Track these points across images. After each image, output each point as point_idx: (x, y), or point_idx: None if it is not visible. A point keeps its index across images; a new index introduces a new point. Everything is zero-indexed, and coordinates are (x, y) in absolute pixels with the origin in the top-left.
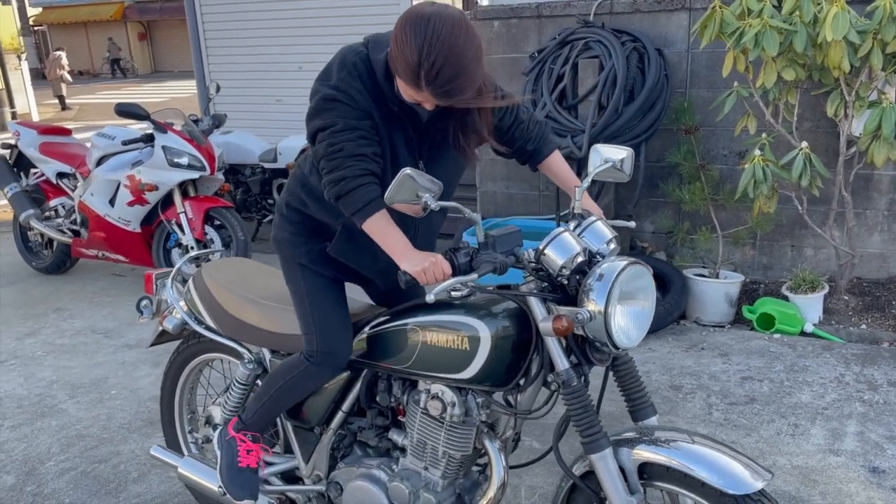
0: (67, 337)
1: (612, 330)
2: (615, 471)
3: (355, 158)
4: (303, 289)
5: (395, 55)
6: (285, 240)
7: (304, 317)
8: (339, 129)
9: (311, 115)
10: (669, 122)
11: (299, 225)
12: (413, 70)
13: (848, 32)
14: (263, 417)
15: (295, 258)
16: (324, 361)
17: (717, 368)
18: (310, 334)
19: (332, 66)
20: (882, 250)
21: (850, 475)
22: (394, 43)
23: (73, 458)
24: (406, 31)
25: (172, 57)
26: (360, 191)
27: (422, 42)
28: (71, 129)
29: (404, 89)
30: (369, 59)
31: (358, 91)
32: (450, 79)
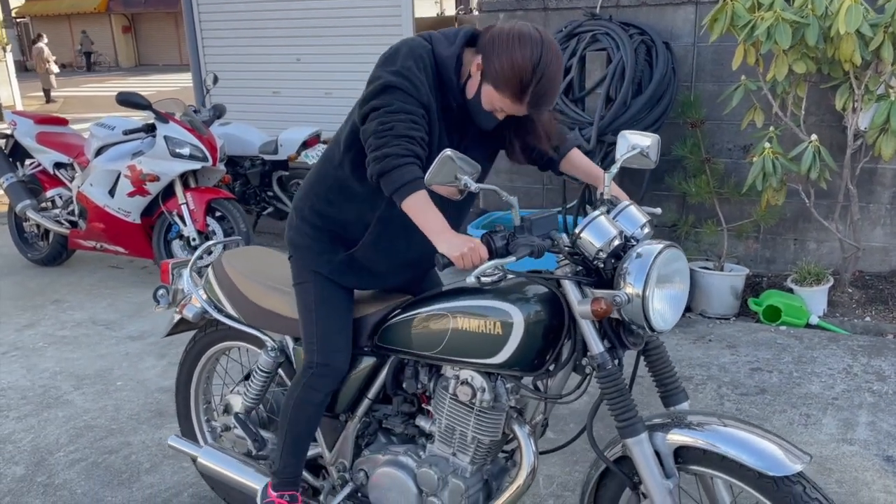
0: (68, 329)
1: (650, 312)
2: (651, 455)
3: (403, 139)
4: (312, 297)
5: (504, 69)
6: (305, 246)
7: (308, 327)
8: (393, 109)
9: (367, 97)
10: (675, 116)
11: (321, 231)
12: (523, 87)
13: (861, 25)
14: (292, 454)
15: (311, 265)
16: (321, 373)
17: (726, 360)
18: (311, 345)
19: (397, 54)
20: (885, 244)
21: (865, 464)
22: (506, 57)
23: (83, 448)
24: (524, 49)
25: (157, 50)
26: (402, 169)
27: (536, 63)
28: (68, 120)
29: (493, 99)
30: (434, 53)
31: (421, 82)
32: (549, 99)
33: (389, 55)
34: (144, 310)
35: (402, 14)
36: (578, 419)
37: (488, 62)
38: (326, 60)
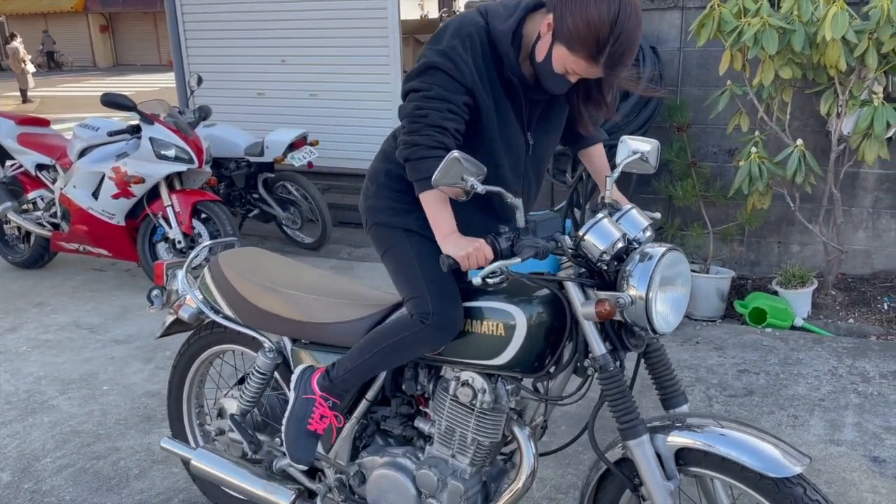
0: (52, 332)
1: (653, 315)
2: (653, 457)
3: (435, 129)
4: (412, 253)
5: (578, 28)
6: (388, 207)
7: (413, 280)
8: (431, 94)
9: (411, 75)
10: (662, 120)
11: (403, 194)
12: (599, 47)
13: (846, 32)
14: (357, 376)
15: (400, 224)
16: (440, 323)
17: (714, 362)
18: (422, 297)
19: (444, 32)
20: (867, 246)
21: (853, 465)
22: (580, 14)
23: (70, 454)
24: (599, 5)
25: (135, 50)
26: (428, 161)
27: (614, 19)
28: (49, 121)
29: (565, 59)
30: (488, 29)
31: (465, 63)
32: (627, 59)
33: (437, 33)
34: (129, 313)
35: (389, 16)
36: (571, 422)
37: (560, 21)
38: (312, 62)
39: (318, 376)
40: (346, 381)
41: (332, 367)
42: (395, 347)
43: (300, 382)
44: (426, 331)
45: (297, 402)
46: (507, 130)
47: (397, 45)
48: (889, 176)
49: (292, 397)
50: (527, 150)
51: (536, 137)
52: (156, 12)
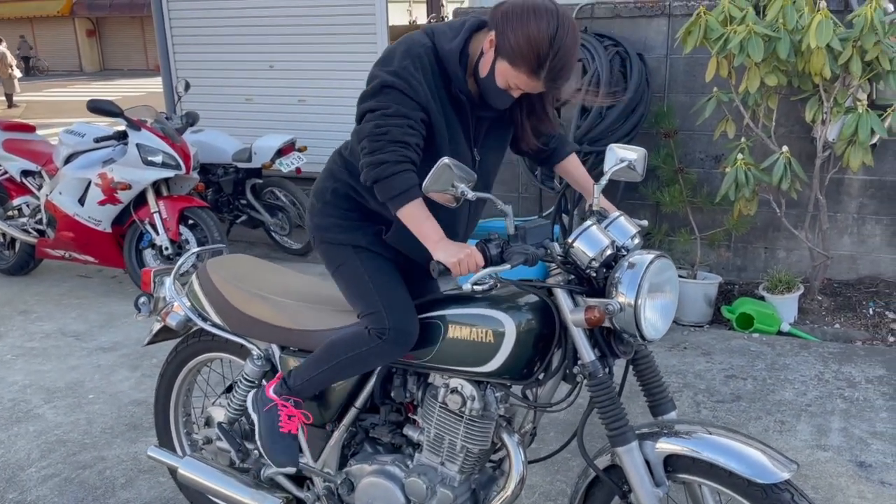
0: (37, 340)
1: (642, 322)
2: (642, 463)
3: (398, 144)
4: (362, 270)
5: (519, 43)
6: (333, 225)
7: (367, 296)
8: (390, 112)
9: (365, 97)
10: (649, 126)
11: (348, 211)
12: (539, 61)
13: (831, 40)
14: (314, 386)
15: (349, 241)
16: (396, 339)
17: (701, 367)
18: (377, 312)
19: (394, 53)
20: (852, 252)
21: (839, 470)
22: (521, 31)
23: (56, 464)
24: (540, 21)
25: (122, 55)
26: (398, 177)
27: (553, 35)
28: (35, 126)
29: (508, 76)
30: (436, 49)
31: (418, 82)
32: (567, 73)
33: (386, 54)
34: (115, 320)
35: (377, 22)
36: (559, 430)
37: (502, 37)
38: (300, 67)
39: (273, 386)
40: (305, 390)
41: (289, 376)
42: (351, 361)
43: (257, 401)
44: (383, 346)
45: (260, 416)
46: (457, 148)
47: None
48: (873, 182)
49: (255, 418)
50: (473, 165)
51: (483, 154)
52: (143, 17)
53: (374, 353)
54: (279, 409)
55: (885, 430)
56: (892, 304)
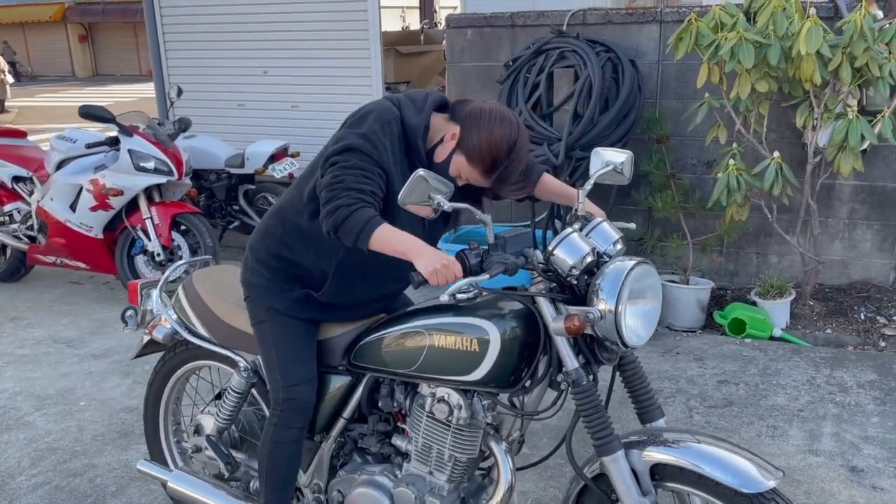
0: (28, 347)
1: (623, 328)
2: (628, 473)
3: (353, 191)
4: (269, 336)
5: (482, 146)
6: (260, 285)
7: (270, 365)
8: (349, 165)
9: (329, 155)
10: (641, 132)
11: (277, 272)
12: (494, 165)
13: (820, 46)
14: (278, 493)
15: (266, 303)
16: (291, 408)
17: (694, 372)
18: (275, 384)
19: (365, 118)
20: (843, 257)
21: (831, 474)
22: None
23: (46, 471)
24: (503, 130)
25: (115, 60)
26: (355, 215)
27: (512, 145)
28: (26, 132)
29: (462, 168)
30: (402, 120)
31: (383, 147)
32: (515, 177)
33: (358, 118)
34: (107, 327)
35: (370, 28)
36: (552, 434)
37: (466, 135)
38: (293, 73)
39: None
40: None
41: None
42: (274, 448)
43: None
44: (283, 416)
45: None
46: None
47: (378, 57)
48: (864, 187)
49: None
50: (423, 229)
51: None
52: (135, 22)
53: (282, 427)
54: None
55: (876, 434)
56: (883, 308)
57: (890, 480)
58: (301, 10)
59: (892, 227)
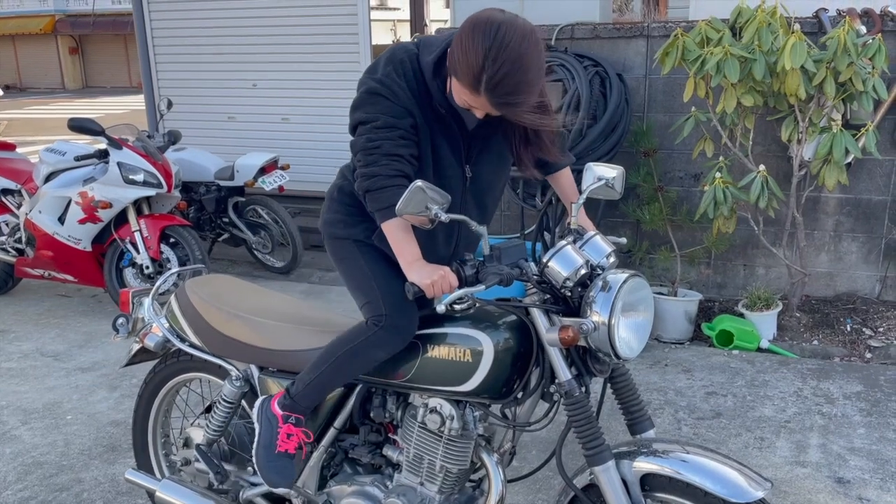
0: (14, 360)
1: (616, 341)
2: (618, 483)
3: (391, 158)
4: (362, 262)
5: (458, 56)
6: (338, 220)
7: (365, 284)
8: (379, 125)
9: (355, 106)
10: (629, 145)
11: (352, 207)
12: (475, 74)
13: (805, 61)
14: (317, 389)
15: (350, 236)
16: (393, 326)
17: (682, 384)
18: (374, 301)
19: (379, 61)
20: (829, 269)
21: (818, 486)
22: (457, 43)
23: (32, 486)
24: (474, 33)
25: (105, 72)
26: (388, 191)
27: (489, 46)
28: (15, 144)
29: (459, 92)
30: (418, 58)
31: (401, 88)
32: (511, 89)
33: (374, 63)
34: (95, 340)
35: (360, 41)
36: (542, 447)
37: (451, 52)
38: (283, 86)
39: (279, 398)
40: (307, 397)
41: (292, 385)
42: (351, 354)
43: (262, 411)
44: (380, 334)
45: (261, 429)
46: (441, 162)
47: None
48: (849, 200)
49: (258, 428)
50: (464, 182)
51: (476, 170)
52: (126, 34)
53: (373, 343)
54: (279, 426)
55: (862, 445)
56: (869, 320)
57: (876, 492)
58: (291, 23)
59: (877, 239)
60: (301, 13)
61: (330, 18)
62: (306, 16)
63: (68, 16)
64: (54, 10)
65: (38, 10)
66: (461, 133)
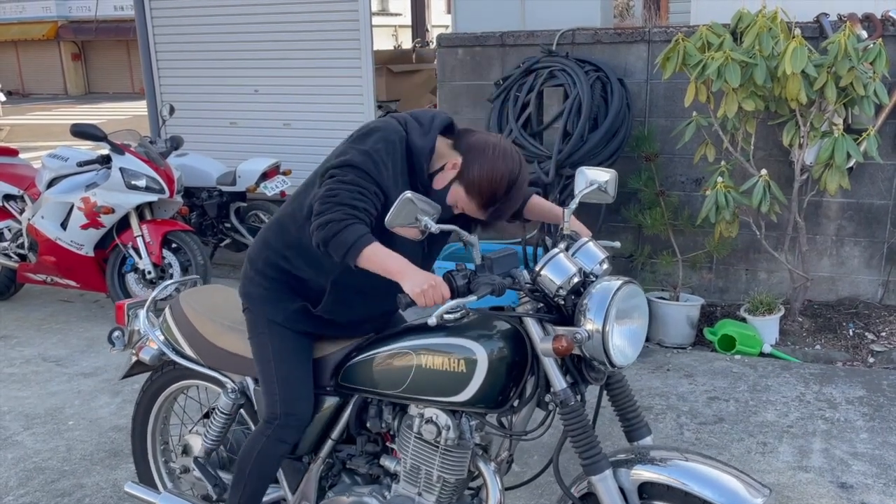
0: (17, 366)
1: (610, 348)
2: (616, 492)
3: (347, 207)
4: (269, 348)
5: (482, 181)
6: (259, 296)
7: (268, 378)
8: (346, 180)
9: (329, 168)
10: (630, 150)
11: (276, 282)
12: (491, 200)
13: (805, 66)
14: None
15: (266, 314)
16: (286, 423)
17: (684, 389)
18: (272, 395)
19: (370, 135)
20: (832, 273)
21: (821, 491)
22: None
23: (34, 491)
24: (506, 165)
25: (107, 78)
26: (346, 231)
27: (513, 182)
28: (17, 150)
29: (459, 198)
30: (408, 141)
31: (385, 166)
32: (509, 213)
33: (363, 134)
34: (96, 345)
35: (362, 47)
36: (542, 453)
37: (467, 167)
38: (285, 92)
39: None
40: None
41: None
42: (259, 462)
43: None
44: (278, 431)
45: None
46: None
47: (370, 75)
48: (851, 204)
49: None
50: (422, 251)
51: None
52: (128, 40)
53: (273, 442)
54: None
55: (865, 450)
56: (872, 325)
57: (879, 497)
58: (293, 28)
59: (879, 243)
60: (302, 19)
61: (331, 24)
62: (308, 21)
63: (71, 22)
64: (57, 17)
65: (41, 17)
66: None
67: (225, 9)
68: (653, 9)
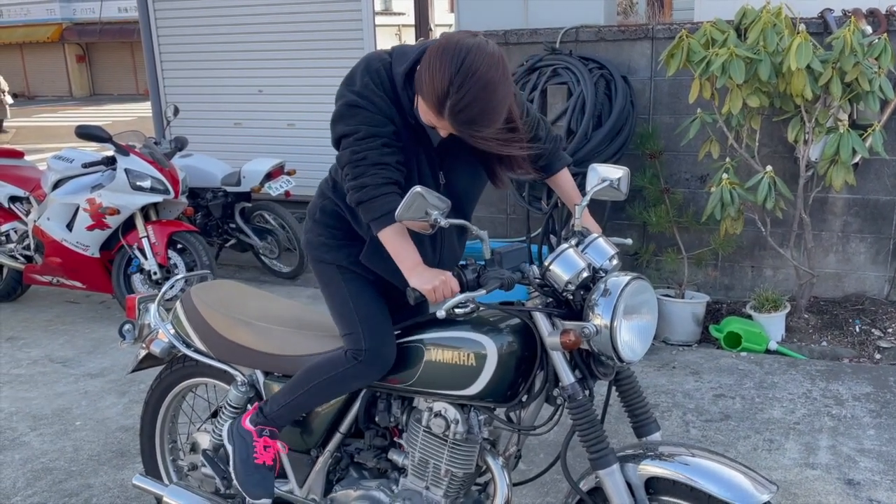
0: (24, 367)
1: (618, 344)
2: (623, 486)
3: (378, 167)
4: (345, 290)
5: (424, 78)
6: (321, 244)
7: (347, 316)
8: (361, 136)
9: (335, 119)
10: (634, 147)
11: (335, 229)
12: (439, 98)
13: (811, 62)
14: (291, 412)
15: (333, 261)
16: (372, 360)
17: (690, 386)
18: (355, 333)
19: (356, 71)
20: (837, 270)
21: (828, 488)
22: (425, 64)
23: (42, 492)
24: (441, 57)
25: (112, 80)
26: (380, 199)
27: (455, 72)
28: (23, 152)
29: (424, 111)
30: (392, 68)
31: (380, 97)
32: (474, 117)
33: (350, 73)
34: (103, 346)
35: (365, 47)
36: (549, 449)
37: (418, 71)
38: (289, 92)
39: (251, 415)
40: (281, 417)
41: (266, 405)
42: (328, 383)
43: (232, 431)
44: (358, 367)
45: (235, 446)
46: (420, 168)
47: None
48: (856, 200)
49: (230, 449)
50: (438, 189)
51: (449, 178)
52: (133, 42)
53: (350, 375)
54: (255, 440)
55: (872, 447)
56: (878, 321)
57: (886, 493)
58: (297, 28)
59: (885, 239)
60: (306, 19)
61: (335, 24)
62: (311, 21)
63: (75, 24)
64: (61, 19)
65: (46, 19)
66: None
67: (228, 10)
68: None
